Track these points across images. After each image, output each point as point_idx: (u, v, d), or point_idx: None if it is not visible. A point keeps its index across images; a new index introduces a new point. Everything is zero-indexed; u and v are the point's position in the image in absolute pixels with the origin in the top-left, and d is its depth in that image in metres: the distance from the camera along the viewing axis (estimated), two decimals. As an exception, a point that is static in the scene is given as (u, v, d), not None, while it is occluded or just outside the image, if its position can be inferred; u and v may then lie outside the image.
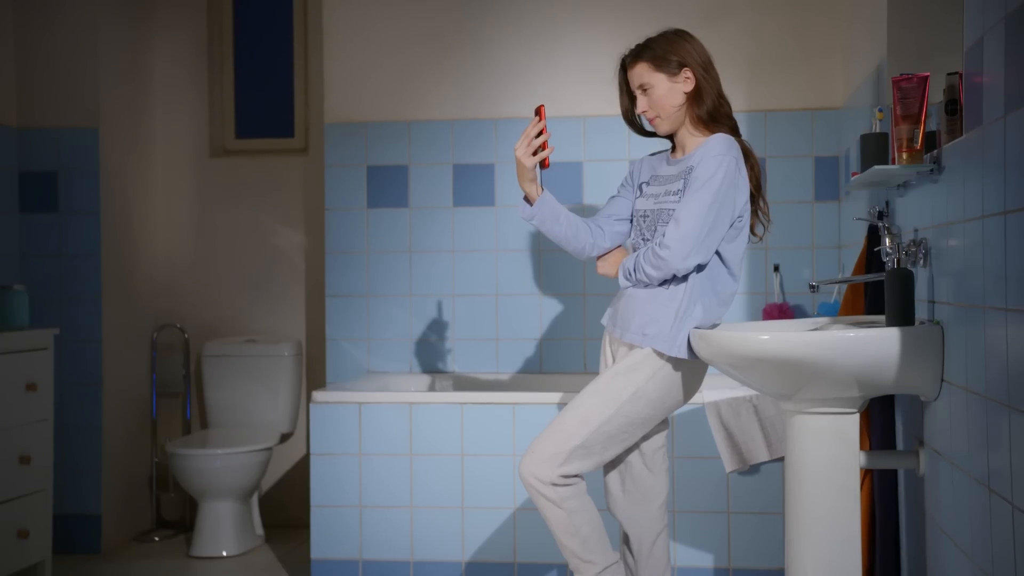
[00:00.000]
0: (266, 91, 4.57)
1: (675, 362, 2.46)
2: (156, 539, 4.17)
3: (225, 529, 3.91)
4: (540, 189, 2.55)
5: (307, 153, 4.47)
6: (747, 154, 2.51)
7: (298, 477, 4.35)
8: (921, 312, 2.32)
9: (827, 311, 3.38)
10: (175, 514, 4.36)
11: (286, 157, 4.48)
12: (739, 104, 3.70)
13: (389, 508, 3.31)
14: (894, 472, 2.60)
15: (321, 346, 4.36)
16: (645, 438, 2.57)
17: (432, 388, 3.91)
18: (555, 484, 2.43)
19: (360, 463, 3.33)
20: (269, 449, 3.98)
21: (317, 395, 3.37)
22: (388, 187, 4.00)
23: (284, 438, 4.32)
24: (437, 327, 3.98)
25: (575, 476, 2.45)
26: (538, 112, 2.49)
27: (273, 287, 4.44)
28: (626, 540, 2.63)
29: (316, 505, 3.34)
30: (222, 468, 3.83)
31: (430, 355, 3.99)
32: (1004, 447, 1.74)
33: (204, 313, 4.46)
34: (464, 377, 3.93)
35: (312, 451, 3.36)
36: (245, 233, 4.45)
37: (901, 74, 2.23)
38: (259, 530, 4.11)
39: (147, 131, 4.39)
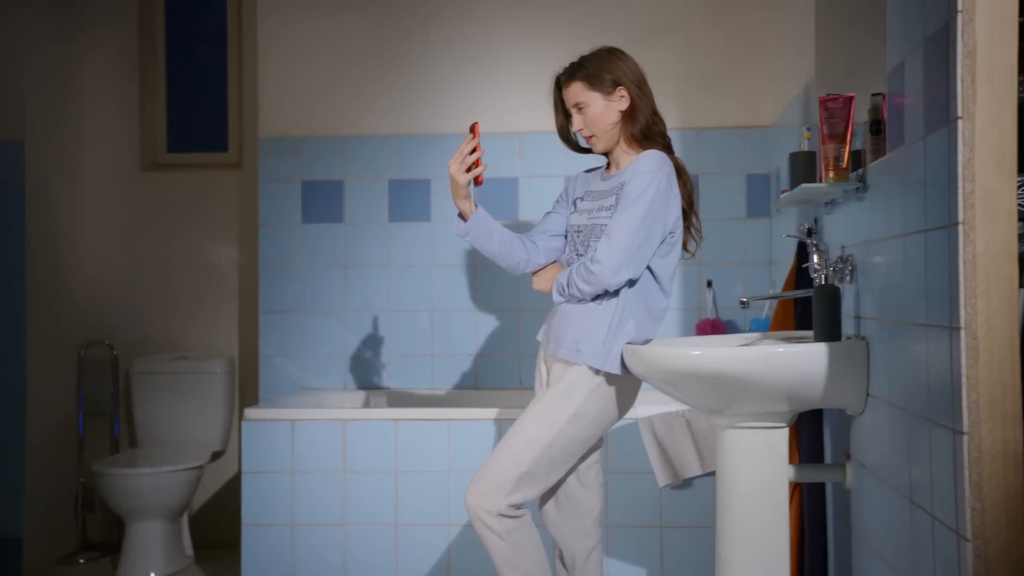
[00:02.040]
0: (199, 104, 4.50)
1: (609, 378, 2.47)
2: (81, 561, 4.06)
3: (153, 550, 3.82)
4: (474, 206, 2.56)
5: (241, 168, 4.42)
6: (680, 171, 2.53)
7: (230, 496, 4.28)
8: (848, 327, 2.36)
9: (759, 326, 3.43)
10: (101, 535, 4.26)
11: (219, 172, 4.42)
12: (672, 121, 3.74)
13: (322, 527, 3.27)
14: (822, 485, 2.64)
15: (254, 363, 4.30)
16: (579, 454, 2.58)
17: (367, 404, 3.88)
18: (503, 515, 2.40)
19: (293, 481, 3.28)
20: (200, 467, 3.90)
21: (249, 412, 3.32)
22: (323, 202, 3.97)
23: (216, 456, 4.25)
24: (372, 343, 3.95)
25: (522, 507, 2.44)
26: (472, 129, 2.50)
27: (206, 303, 4.37)
28: (560, 556, 2.63)
29: (247, 524, 3.29)
30: (150, 487, 3.75)
31: (365, 371, 3.96)
32: (925, 460, 1.77)
33: (134, 330, 4.37)
34: (399, 393, 3.90)
35: (244, 469, 3.31)
36: (177, 248, 4.38)
37: (828, 94, 2.27)
38: (189, 551, 4.03)
39: (76, 144, 4.30)
